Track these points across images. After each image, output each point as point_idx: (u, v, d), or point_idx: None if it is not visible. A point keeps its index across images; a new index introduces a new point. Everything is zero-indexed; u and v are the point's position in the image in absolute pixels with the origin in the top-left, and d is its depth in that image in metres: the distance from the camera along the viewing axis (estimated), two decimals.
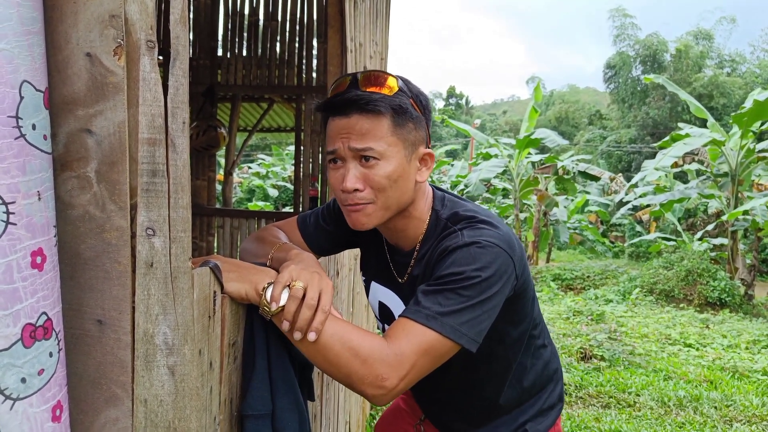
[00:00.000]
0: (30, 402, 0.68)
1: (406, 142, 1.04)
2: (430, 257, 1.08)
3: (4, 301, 0.64)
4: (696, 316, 7.86)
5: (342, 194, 1.04)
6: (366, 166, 1.01)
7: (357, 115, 1.00)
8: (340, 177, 1.04)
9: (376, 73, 1.05)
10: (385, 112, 1.01)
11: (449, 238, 1.04)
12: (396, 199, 1.05)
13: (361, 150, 1.00)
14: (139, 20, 0.74)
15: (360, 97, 1.00)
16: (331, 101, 1.04)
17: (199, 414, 0.82)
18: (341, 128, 1.02)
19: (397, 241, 1.18)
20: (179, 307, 0.78)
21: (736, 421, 3.84)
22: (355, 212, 1.05)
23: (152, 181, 0.75)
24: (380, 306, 1.26)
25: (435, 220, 1.12)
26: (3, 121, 0.64)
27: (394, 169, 1.02)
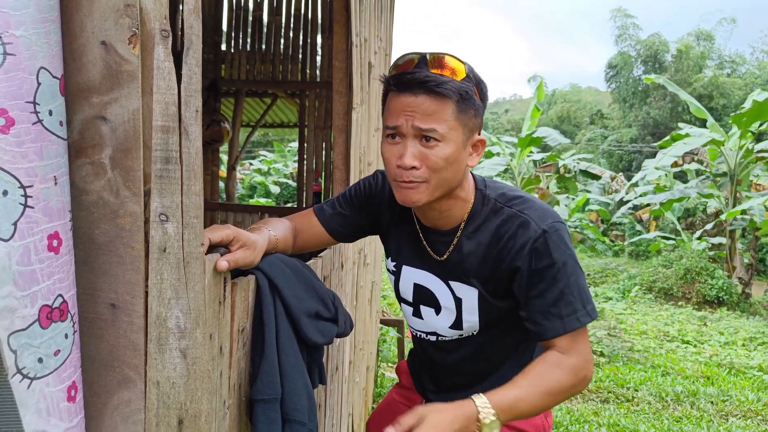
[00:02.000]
0: (46, 381, 0.70)
1: (465, 128, 1.06)
2: (492, 239, 1.14)
3: (22, 282, 0.65)
4: (694, 313, 7.89)
5: (396, 170, 1.06)
6: (426, 145, 1.04)
7: (424, 96, 1.02)
8: (397, 153, 1.06)
9: (446, 55, 1.06)
10: (452, 96, 1.02)
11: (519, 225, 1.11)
12: (448, 181, 1.08)
13: (426, 130, 1.03)
14: (154, 9, 0.75)
15: (430, 78, 1.01)
16: (399, 77, 1.04)
17: (210, 396, 0.83)
18: (406, 105, 1.03)
19: (437, 222, 1.19)
20: (191, 291, 0.79)
21: (732, 415, 3.87)
22: (408, 189, 1.06)
23: (165, 168, 0.77)
24: (416, 288, 1.26)
25: (482, 200, 1.17)
26: (21, 106, 0.65)
27: (452, 153, 1.05)
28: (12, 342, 0.65)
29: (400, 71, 1.06)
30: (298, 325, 1.03)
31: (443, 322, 1.25)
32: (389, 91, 1.08)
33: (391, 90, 1.07)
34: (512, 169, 12.98)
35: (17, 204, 0.65)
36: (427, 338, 1.31)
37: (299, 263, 1.11)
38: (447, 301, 1.22)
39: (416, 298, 1.27)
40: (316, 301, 1.10)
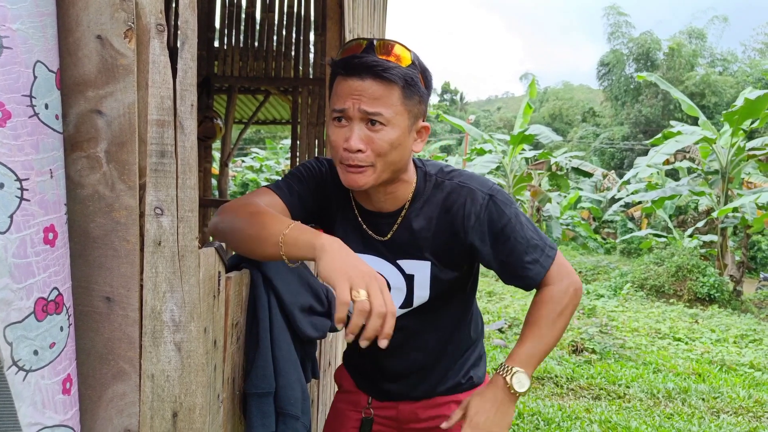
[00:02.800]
0: (42, 374, 0.70)
1: (410, 113, 1.09)
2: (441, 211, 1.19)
3: (18, 274, 0.66)
4: (685, 311, 7.96)
5: (343, 152, 1.08)
6: (372, 129, 1.06)
7: (371, 80, 1.04)
8: (344, 135, 1.07)
9: (392, 42, 1.08)
10: (398, 81, 1.05)
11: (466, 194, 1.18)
12: (393, 165, 1.11)
13: (372, 114, 1.05)
14: (149, 4, 0.75)
15: (377, 63, 1.04)
16: (347, 61, 1.06)
17: (204, 390, 0.84)
18: (353, 89, 1.05)
19: (382, 205, 1.21)
20: (186, 285, 0.80)
21: (723, 412, 3.91)
22: (354, 173, 1.09)
23: (161, 162, 0.77)
24: None
25: (423, 177, 1.22)
26: (18, 99, 0.66)
27: (397, 137, 1.07)
28: (8, 334, 0.65)
29: (347, 55, 1.08)
30: (292, 319, 1.04)
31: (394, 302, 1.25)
32: (337, 74, 1.10)
33: (338, 74, 1.09)
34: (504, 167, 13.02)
35: (13, 197, 0.65)
36: None
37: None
38: (396, 280, 1.24)
39: None
40: (310, 295, 1.11)
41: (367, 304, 0.88)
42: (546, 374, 4.46)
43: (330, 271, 0.91)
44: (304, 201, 1.22)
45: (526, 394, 1.22)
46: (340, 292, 0.88)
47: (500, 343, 5.34)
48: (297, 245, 0.96)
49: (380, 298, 0.89)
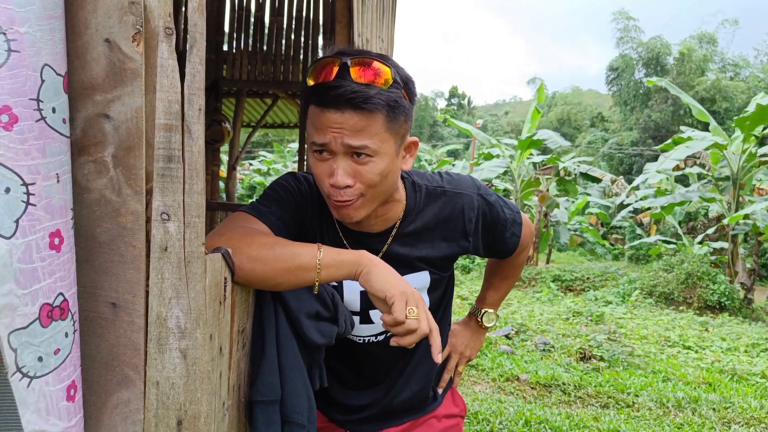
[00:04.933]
0: (46, 380, 0.69)
1: (396, 136, 1.02)
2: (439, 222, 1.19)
3: (23, 280, 0.65)
4: (695, 318, 7.87)
5: (330, 188, 1.01)
6: (358, 162, 0.99)
7: (351, 112, 0.95)
8: (328, 170, 1.00)
9: (367, 60, 0.97)
10: (381, 109, 0.96)
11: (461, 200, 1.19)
12: (384, 192, 1.06)
13: (357, 147, 0.97)
14: (158, 7, 0.75)
15: (356, 94, 0.94)
16: (321, 92, 0.96)
17: (209, 398, 0.83)
18: (332, 122, 0.96)
19: (370, 227, 1.15)
20: (192, 291, 0.79)
21: (735, 423, 3.86)
22: (345, 207, 1.03)
23: (168, 167, 0.76)
24: (363, 295, 1.20)
25: (413, 189, 1.18)
26: (25, 103, 0.65)
27: (386, 165, 1.00)
28: (12, 340, 0.65)
29: (320, 81, 0.98)
30: (298, 326, 1.03)
31: None
32: (309, 103, 1.01)
33: (311, 103, 0.99)
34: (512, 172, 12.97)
35: (19, 201, 0.64)
36: (371, 341, 1.27)
37: None
38: None
39: (363, 305, 1.21)
40: (315, 300, 1.09)
41: (415, 324, 0.94)
42: (553, 382, 4.42)
43: (386, 285, 0.95)
44: (287, 224, 1.11)
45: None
46: (397, 309, 0.93)
47: (507, 350, 5.30)
48: (339, 266, 0.96)
49: (426, 320, 0.96)
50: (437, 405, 1.41)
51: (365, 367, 1.33)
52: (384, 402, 1.32)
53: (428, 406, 1.39)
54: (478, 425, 3.41)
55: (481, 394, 4.07)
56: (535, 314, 7.20)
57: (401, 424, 1.36)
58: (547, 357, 5.23)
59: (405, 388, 1.32)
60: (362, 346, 1.26)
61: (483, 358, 4.90)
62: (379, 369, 1.32)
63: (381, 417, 1.34)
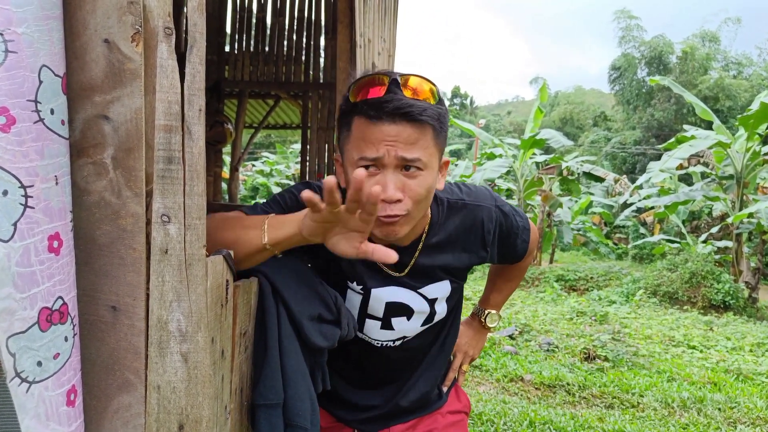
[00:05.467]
0: (45, 385, 0.69)
1: (440, 152, 1.04)
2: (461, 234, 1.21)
3: (21, 284, 0.64)
4: (700, 318, 7.84)
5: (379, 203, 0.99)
6: (408, 175, 0.99)
7: (405, 124, 0.96)
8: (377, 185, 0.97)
9: (417, 78, 1.00)
10: (433, 123, 0.98)
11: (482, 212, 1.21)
12: (424, 209, 1.06)
13: (411, 160, 0.97)
14: (157, 7, 0.74)
15: (412, 106, 0.96)
16: (377, 105, 0.96)
17: (211, 401, 0.82)
18: (386, 135, 0.96)
19: (398, 241, 1.13)
20: (193, 294, 0.78)
21: (740, 423, 3.83)
22: (391, 225, 1.01)
23: (168, 168, 0.75)
24: (388, 305, 1.21)
25: (435, 204, 1.19)
26: (22, 104, 0.64)
27: (432, 180, 1.02)
28: (11, 345, 0.64)
29: (370, 96, 0.98)
30: (301, 328, 1.02)
31: (415, 324, 1.25)
32: (357, 115, 0.99)
33: (363, 116, 0.98)
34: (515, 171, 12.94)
35: (17, 204, 0.64)
36: (388, 345, 1.27)
37: (301, 264, 1.09)
38: (420, 306, 1.23)
39: (387, 313, 1.23)
40: (318, 303, 1.08)
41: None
42: (558, 382, 4.40)
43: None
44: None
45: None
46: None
47: (511, 350, 5.28)
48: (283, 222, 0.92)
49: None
50: (442, 403, 1.43)
51: (378, 368, 1.34)
52: (392, 402, 1.34)
53: (433, 405, 1.41)
54: (483, 426, 3.40)
55: (485, 395, 4.06)
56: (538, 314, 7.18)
57: (407, 421, 1.37)
58: (551, 357, 5.21)
59: (413, 389, 1.34)
60: (378, 349, 1.28)
61: (487, 359, 4.88)
62: (391, 371, 1.34)
63: (388, 416, 1.35)
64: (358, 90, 1.01)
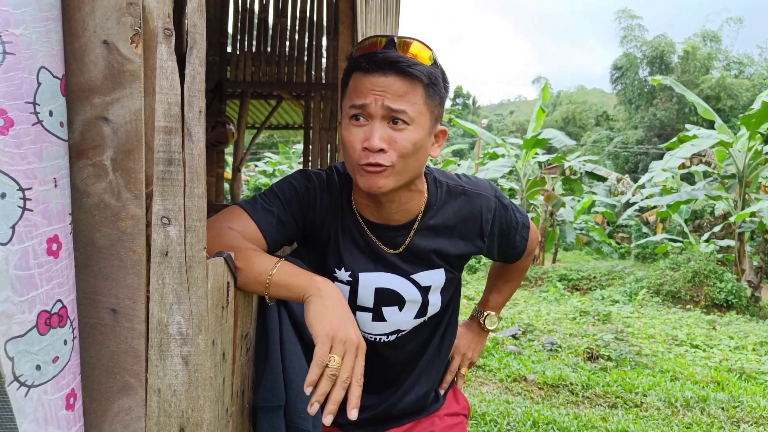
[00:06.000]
0: (44, 389, 0.68)
1: (432, 114, 1.05)
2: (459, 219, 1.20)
3: (20, 287, 0.64)
4: (702, 317, 7.82)
5: (362, 152, 1.01)
6: (394, 128, 1.00)
7: (395, 76, 0.99)
8: (363, 135, 1.00)
9: (412, 39, 1.03)
10: (423, 79, 1.00)
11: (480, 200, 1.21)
12: (413, 169, 1.05)
13: (396, 111, 0.99)
14: (157, 8, 0.73)
15: (402, 58, 0.99)
16: (369, 56, 1.00)
17: (212, 404, 0.81)
18: (376, 84, 0.99)
19: (393, 217, 1.14)
20: (193, 296, 0.77)
21: (744, 422, 3.82)
22: (374, 174, 1.01)
23: (168, 170, 0.75)
24: (377, 292, 1.19)
25: (434, 184, 1.19)
26: (21, 106, 0.64)
27: (420, 137, 1.02)
28: (9, 349, 0.63)
29: (367, 51, 1.03)
30: (302, 330, 1.01)
31: (407, 315, 1.22)
32: (354, 70, 1.03)
33: (358, 70, 1.02)
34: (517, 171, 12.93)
35: (15, 207, 0.63)
36: (382, 340, 1.25)
37: (303, 265, 1.08)
38: (412, 294, 1.20)
39: (377, 302, 1.21)
40: None
41: (335, 372, 0.87)
42: (561, 382, 4.39)
43: (316, 322, 0.90)
44: (284, 225, 1.11)
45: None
46: (319, 352, 0.88)
47: (514, 350, 5.27)
48: (287, 287, 0.94)
49: (349, 368, 0.89)
50: (439, 405, 1.41)
51: (374, 369, 1.28)
52: (387, 404, 1.31)
53: (431, 407, 1.39)
54: (486, 426, 3.39)
55: (489, 395, 4.05)
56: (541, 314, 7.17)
57: (403, 425, 1.35)
58: (555, 357, 5.20)
59: (410, 391, 1.31)
60: (373, 345, 1.24)
61: (490, 359, 4.87)
62: (387, 372, 1.31)
63: (383, 419, 1.32)
64: (359, 49, 1.05)
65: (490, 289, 1.54)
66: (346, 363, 0.88)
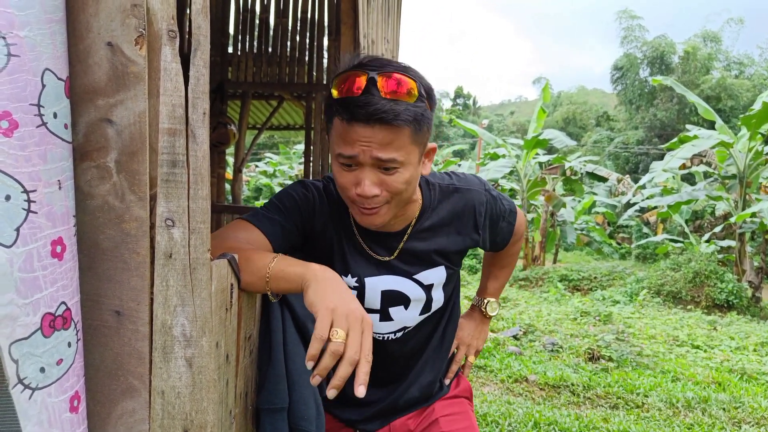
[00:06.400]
0: (48, 392, 0.68)
1: (420, 146, 1.05)
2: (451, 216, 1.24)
3: (24, 289, 0.64)
4: (703, 317, 7.81)
5: (356, 196, 1.04)
6: (384, 173, 1.02)
7: (380, 127, 0.97)
8: (354, 179, 1.03)
9: (396, 74, 0.98)
10: (409, 125, 0.99)
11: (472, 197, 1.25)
12: (407, 198, 1.10)
13: (385, 161, 1.00)
14: (161, 10, 0.73)
15: (386, 112, 0.96)
16: (350, 107, 0.97)
17: (215, 406, 0.81)
18: (361, 136, 0.98)
19: (389, 227, 1.18)
20: (197, 298, 0.77)
21: (745, 422, 3.81)
22: (370, 215, 1.06)
23: (172, 172, 0.75)
24: (384, 295, 1.22)
25: (427, 188, 1.23)
26: (25, 108, 0.64)
27: (410, 174, 1.04)
28: (13, 351, 0.63)
29: (345, 95, 0.99)
30: (305, 332, 1.01)
31: (413, 312, 1.26)
32: (335, 115, 1.01)
33: (339, 116, 1.00)
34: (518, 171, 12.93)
35: (20, 209, 0.63)
36: (389, 338, 1.28)
37: None
38: (416, 293, 1.24)
39: (384, 303, 1.23)
40: None
41: (341, 347, 0.83)
42: (562, 382, 4.39)
43: (316, 299, 0.87)
44: (288, 232, 1.13)
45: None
46: (319, 326, 0.84)
47: (515, 351, 5.27)
48: (285, 277, 0.93)
49: (357, 344, 0.84)
50: (443, 394, 1.44)
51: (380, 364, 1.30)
52: (393, 396, 1.34)
53: (435, 396, 1.42)
54: (488, 427, 3.39)
55: (490, 396, 4.05)
56: (542, 314, 7.16)
57: (408, 413, 1.38)
58: (556, 358, 5.20)
59: (415, 382, 1.35)
60: (381, 343, 1.28)
61: (491, 360, 4.87)
62: (393, 365, 1.34)
63: (389, 412, 1.36)
64: (337, 84, 1.02)
65: (487, 276, 1.59)
66: (352, 339, 0.84)
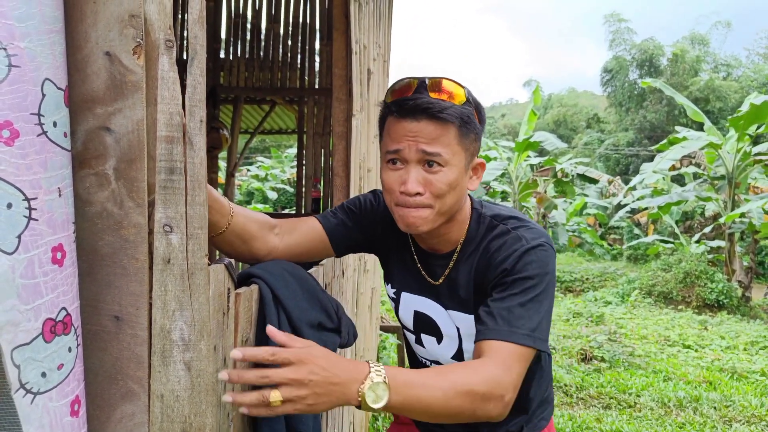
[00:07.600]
0: (50, 396, 0.69)
1: (466, 152, 1.06)
2: (481, 255, 1.11)
3: (26, 295, 0.65)
4: (694, 317, 7.89)
5: (399, 196, 1.05)
6: (429, 171, 1.03)
7: (427, 121, 1.01)
8: (399, 179, 1.04)
9: (445, 80, 1.05)
10: (454, 121, 1.02)
11: (509, 239, 1.07)
12: (450, 206, 1.08)
13: (430, 154, 1.01)
14: (158, 20, 0.75)
15: (432, 104, 1.01)
16: (400, 103, 1.03)
17: (214, 409, 0.82)
18: (408, 130, 1.02)
19: (434, 246, 1.18)
20: (195, 303, 0.79)
21: (736, 421, 3.86)
22: (412, 216, 1.05)
23: (170, 179, 0.76)
24: (416, 316, 1.23)
25: (477, 220, 1.16)
26: (26, 118, 0.65)
27: (455, 177, 1.04)
28: (15, 356, 0.64)
29: (398, 96, 1.05)
30: (301, 336, 1.02)
31: (445, 351, 1.22)
32: (388, 115, 1.07)
33: (391, 115, 1.06)
34: (510, 174, 13.00)
35: (21, 217, 0.64)
36: (427, 363, 1.28)
37: (303, 272, 1.10)
38: (449, 328, 1.20)
39: (417, 326, 1.24)
40: (319, 311, 1.09)
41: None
42: (555, 383, 4.42)
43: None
44: (350, 230, 1.22)
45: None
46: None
47: None
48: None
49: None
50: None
51: None
52: None
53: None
54: None
55: None
56: None
57: None
58: None
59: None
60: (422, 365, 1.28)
61: None
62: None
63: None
64: (391, 94, 1.08)
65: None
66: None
